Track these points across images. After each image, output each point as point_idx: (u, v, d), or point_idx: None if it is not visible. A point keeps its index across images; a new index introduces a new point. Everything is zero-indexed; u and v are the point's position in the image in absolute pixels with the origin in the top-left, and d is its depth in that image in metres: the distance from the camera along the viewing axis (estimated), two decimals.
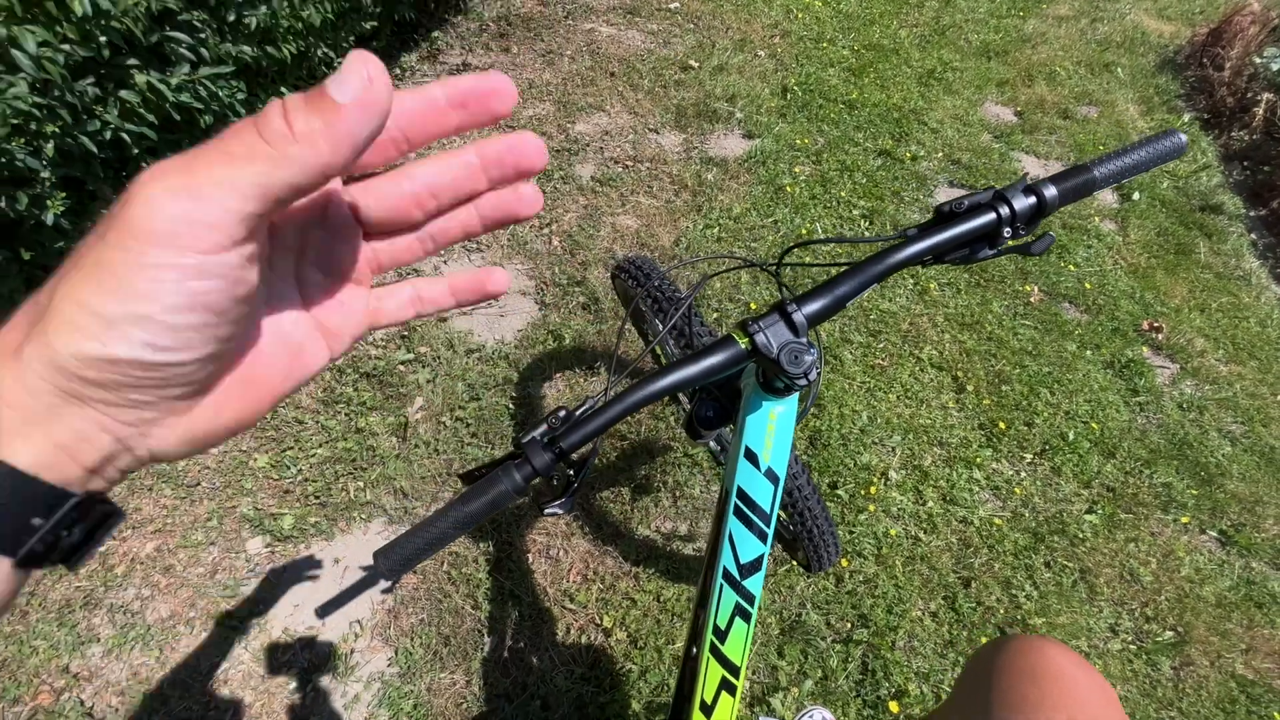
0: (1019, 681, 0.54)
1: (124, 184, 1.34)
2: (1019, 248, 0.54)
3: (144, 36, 1.31)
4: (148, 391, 0.22)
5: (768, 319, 0.50)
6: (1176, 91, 3.28)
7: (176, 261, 0.19)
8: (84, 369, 0.20)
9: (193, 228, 0.19)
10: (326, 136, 0.20)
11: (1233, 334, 2.20)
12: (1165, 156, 0.57)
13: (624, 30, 2.92)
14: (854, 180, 2.42)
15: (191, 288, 0.20)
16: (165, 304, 0.20)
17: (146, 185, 0.19)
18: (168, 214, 0.19)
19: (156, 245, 0.19)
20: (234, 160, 0.19)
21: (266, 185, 0.20)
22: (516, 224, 0.30)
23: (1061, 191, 0.54)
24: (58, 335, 0.20)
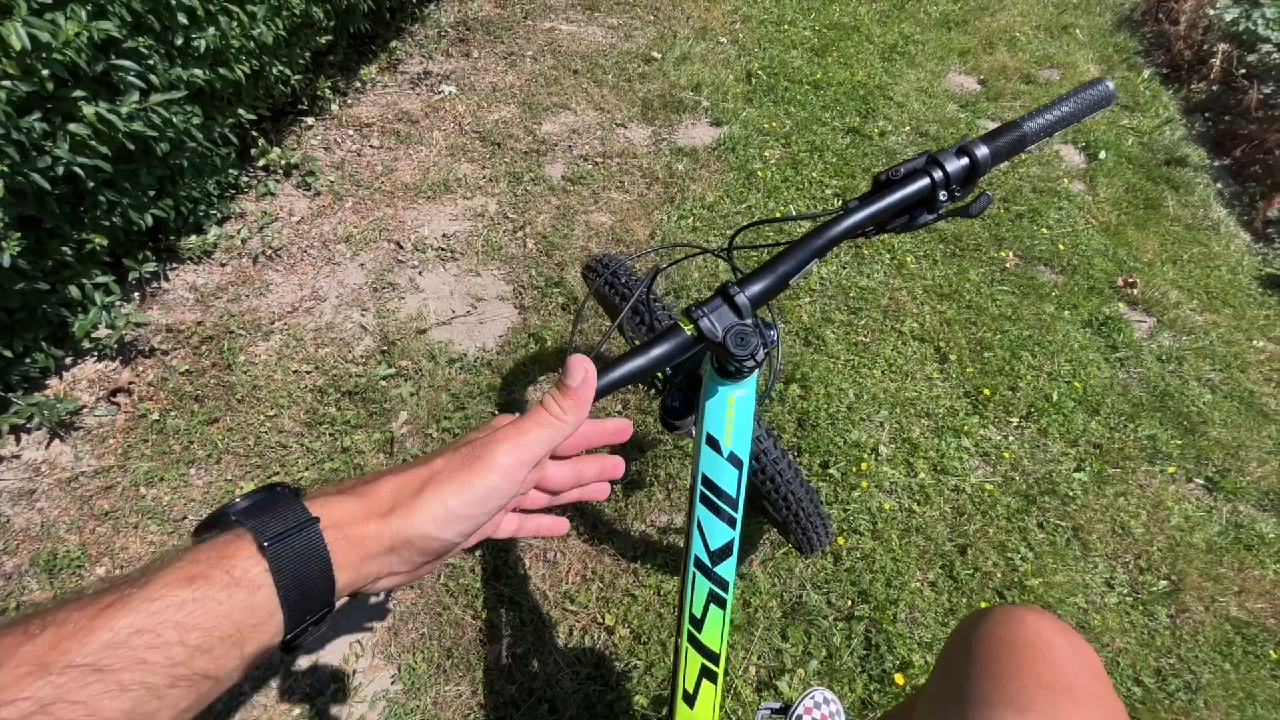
0: (998, 651, 0.54)
1: (81, 219, 1.31)
2: (958, 210, 0.54)
3: (89, 66, 1.28)
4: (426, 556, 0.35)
5: (712, 303, 0.50)
6: (1135, 48, 3.31)
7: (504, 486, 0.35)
8: (417, 539, 0.34)
9: (518, 466, 0.35)
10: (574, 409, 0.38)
11: (1205, 283, 2.24)
12: (1095, 105, 0.57)
13: (584, 27, 2.91)
14: (824, 160, 2.42)
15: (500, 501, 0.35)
16: (486, 509, 0.35)
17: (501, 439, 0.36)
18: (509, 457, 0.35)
19: (499, 473, 0.35)
20: (539, 426, 0.37)
21: (552, 440, 0.37)
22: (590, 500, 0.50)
23: (993, 150, 0.54)
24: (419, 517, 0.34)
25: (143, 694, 0.26)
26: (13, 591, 1.27)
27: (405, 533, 0.33)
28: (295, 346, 1.70)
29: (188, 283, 1.78)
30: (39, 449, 1.45)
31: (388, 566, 0.34)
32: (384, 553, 0.33)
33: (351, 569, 0.32)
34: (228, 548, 0.30)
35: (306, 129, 2.22)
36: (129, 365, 1.60)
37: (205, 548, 0.30)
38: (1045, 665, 0.51)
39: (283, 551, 0.30)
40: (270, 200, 2.01)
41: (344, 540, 0.32)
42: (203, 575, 0.28)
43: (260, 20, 1.74)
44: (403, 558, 0.34)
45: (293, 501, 0.32)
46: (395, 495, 0.34)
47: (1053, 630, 0.54)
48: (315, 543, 0.31)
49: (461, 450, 0.35)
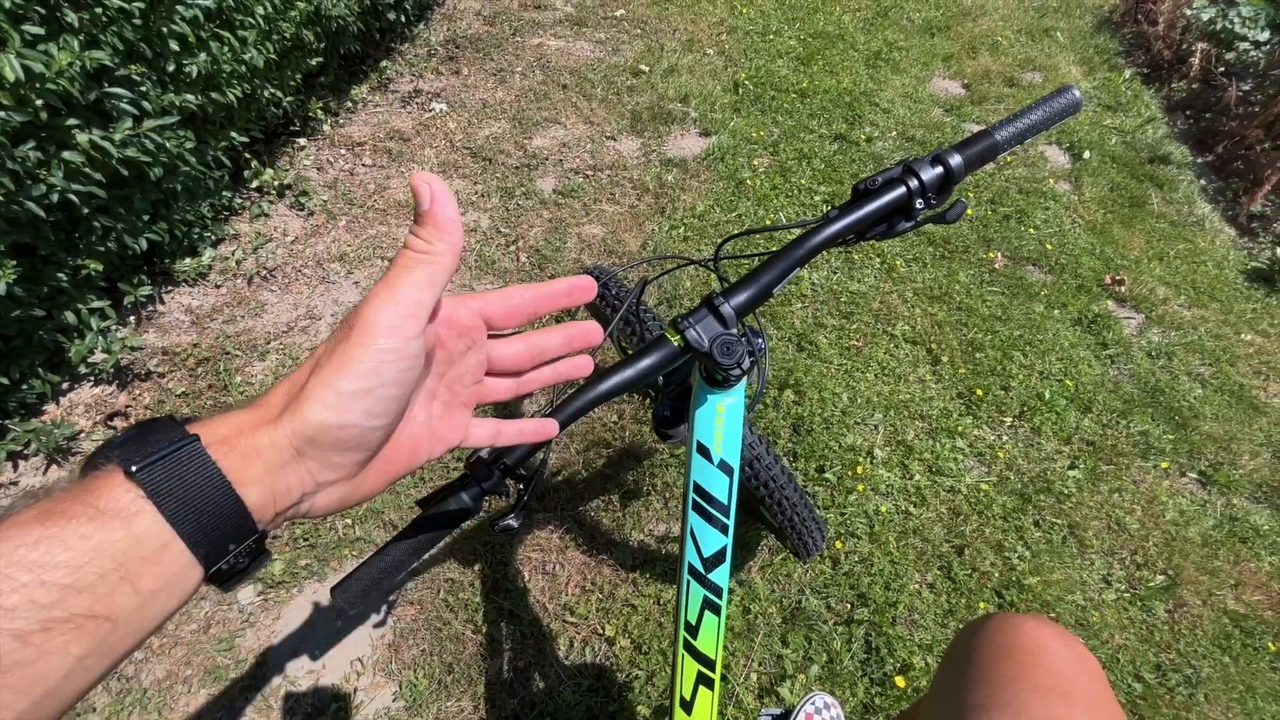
0: (995, 658, 0.54)
1: (76, 245, 1.32)
2: (934, 217, 0.55)
3: (82, 95, 1.30)
4: (345, 454, 0.31)
5: (697, 314, 0.51)
6: (1115, 49, 3.36)
7: (391, 345, 0.30)
8: (321, 433, 0.29)
9: (404, 320, 0.30)
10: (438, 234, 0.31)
11: (1192, 279, 2.26)
12: (1063, 113, 0.58)
13: (572, 42, 2.94)
14: (812, 167, 2.45)
15: (400, 366, 0.30)
16: (382, 379, 0.30)
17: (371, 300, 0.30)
18: (385, 314, 0.29)
19: (383, 335, 0.29)
20: (407, 270, 0.31)
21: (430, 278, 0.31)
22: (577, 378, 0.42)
23: (966, 158, 0.55)
24: (309, 408, 0.29)
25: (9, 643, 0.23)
26: None
27: (303, 429, 0.29)
28: (291, 366, 1.70)
29: (183, 305, 1.79)
30: (37, 475, 1.46)
31: (309, 476, 0.30)
32: (292, 459, 0.29)
33: (258, 484, 0.28)
34: (92, 483, 0.26)
35: (299, 150, 2.24)
36: (125, 389, 1.61)
37: (64, 489, 0.26)
38: (1042, 670, 0.51)
39: (156, 475, 0.26)
40: (264, 221, 2.02)
41: (235, 454, 0.28)
42: (58, 511, 0.25)
43: (251, 45, 1.76)
44: (320, 460, 0.30)
45: (169, 426, 0.28)
46: (284, 397, 0.30)
47: (1050, 636, 0.54)
48: (199, 460, 0.27)
49: (338, 332, 0.30)
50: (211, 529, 0.27)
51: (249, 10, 1.74)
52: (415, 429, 0.35)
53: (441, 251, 0.31)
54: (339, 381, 0.29)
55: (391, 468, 0.34)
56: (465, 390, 0.37)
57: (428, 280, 0.31)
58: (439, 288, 0.31)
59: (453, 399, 0.37)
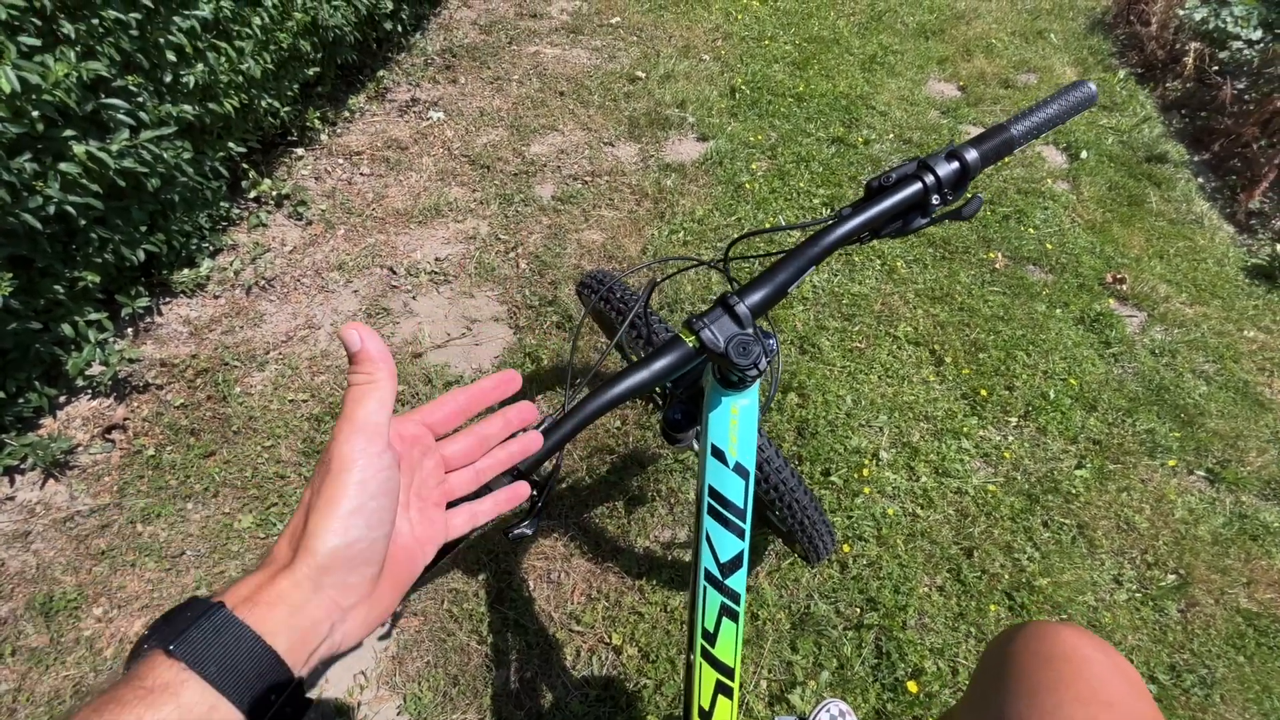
0: (1033, 666, 0.52)
1: (73, 256, 1.31)
2: (950, 213, 0.55)
3: (79, 106, 1.29)
4: (358, 571, 0.34)
5: (712, 314, 0.50)
6: (1109, 50, 3.38)
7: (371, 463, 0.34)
8: (333, 558, 0.33)
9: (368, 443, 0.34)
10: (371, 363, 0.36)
11: (1193, 276, 2.26)
12: (1078, 107, 0.58)
13: (568, 50, 2.95)
14: (810, 170, 2.45)
15: (380, 478, 0.34)
16: (367, 493, 0.34)
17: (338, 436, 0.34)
18: (355, 441, 0.34)
19: (359, 459, 0.34)
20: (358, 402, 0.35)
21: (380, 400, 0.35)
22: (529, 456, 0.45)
23: (982, 153, 0.55)
24: (318, 539, 0.33)
25: None
26: (8, 637, 1.24)
27: (315, 562, 0.32)
28: (291, 376, 1.69)
29: (181, 316, 1.78)
30: (34, 490, 1.44)
31: (332, 604, 0.33)
32: (312, 594, 0.32)
33: (286, 628, 0.31)
34: (139, 668, 0.29)
35: (297, 159, 2.24)
36: (123, 401, 1.59)
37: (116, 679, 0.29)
38: (1082, 681, 0.50)
39: (193, 646, 0.29)
40: (262, 231, 2.01)
41: (259, 608, 0.31)
42: (114, 700, 0.27)
43: (248, 55, 1.76)
44: (338, 585, 0.33)
45: (196, 603, 0.31)
46: (290, 543, 0.33)
47: (1089, 645, 0.53)
48: (227, 623, 0.30)
49: (317, 473, 0.35)
50: (253, 682, 0.30)
51: (246, 21, 1.74)
52: (404, 540, 0.38)
53: (382, 377, 0.36)
54: (336, 507, 0.33)
55: (399, 580, 0.37)
56: (433, 492, 0.40)
57: (378, 403, 0.35)
58: (389, 405, 0.36)
59: (425, 503, 0.40)
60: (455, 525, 0.41)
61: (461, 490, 0.42)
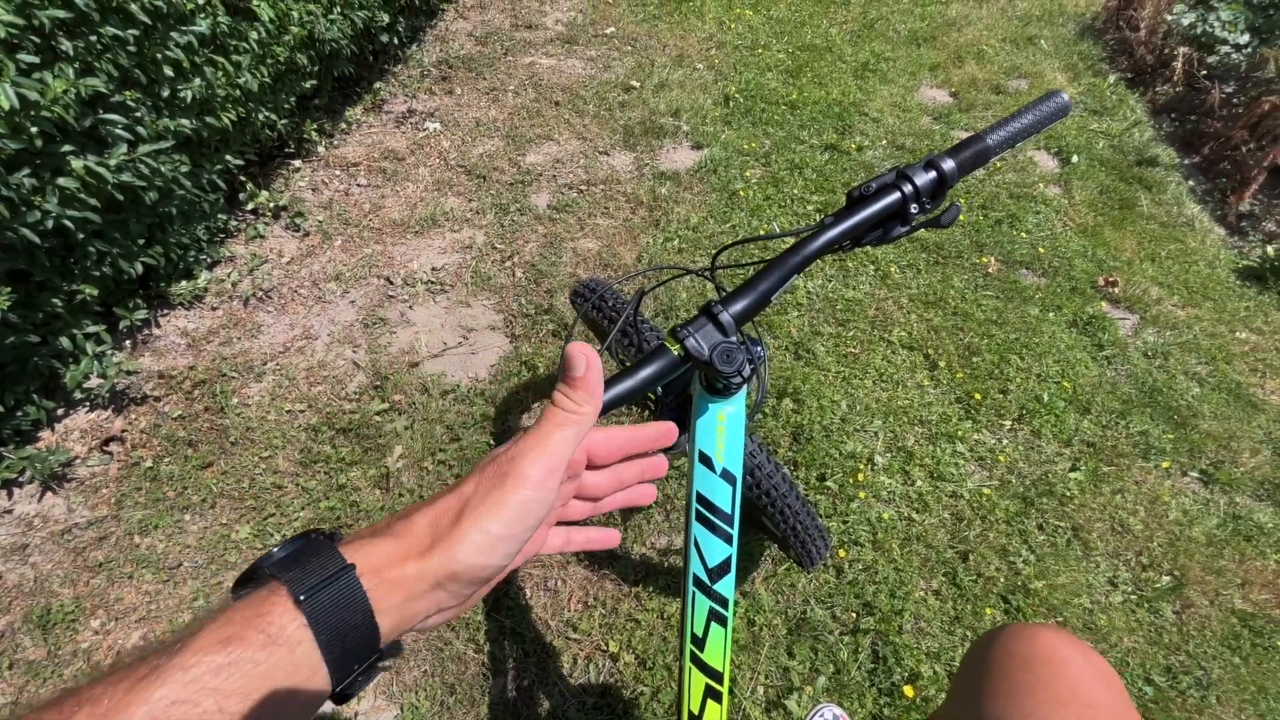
0: (1012, 668, 0.53)
1: (71, 270, 1.32)
2: (929, 221, 0.56)
3: (77, 122, 1.30)
4: (475, 586, 0.34)
5: (697, 323, 0.51)
6: (1099, 55, 3.41)
7: (541, 497, 0.34)
8: (463, 570, 0.32)
9: (548, 474, 0.34)
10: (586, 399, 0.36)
11: (1185, 278, 2.27)
12: (1052, 117, 0.59)
13: (564, 60, 2.98)
14: (804, 177, 2.47)
15: (541, 514, 0.34)
16: (527, 525, 0.34)
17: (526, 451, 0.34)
18: (538, 466, 0.33)
19: (532, 487, 0.33)
20: (558, 428, 0.35)
21: (576, 436, 0.35)
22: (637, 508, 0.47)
23: (959, 163, 0.56)
24: (461, 549, 0.32)
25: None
26: (5, 650, 1.25)
27: (450, 567, 0.32)
28: (288, 386, 1.70)
29: (179, 328, 1.79)
30: (31, 502, 1.44)
31: (435, 604, 0.33)
32: (429, 590, 0.32)
33: (394, 612, 0.31)
34: (263, 605, 0.29)
35: (294, 171, 2.26)
36: (121, 413, 1.60)
37: (240, 606, 0.29)
38: (1060, 681, 0.50)
39: (320, 603, 0.29)
40: (260, 243, 2.03)
41: (384, 584, 0.31)
42: (237, 637, 0.28)
43: (245, 69, 1.78)
44: (450, 592, 0.33)
45: (328, 549, 0.31)
46: (433, 530, 0.33)
47: (1068, 646, 0.53)
48: (354, 591, 0.30)
49: (488, 470, 0.34)
50: (350, 654, 0.30)
51: (243, 35, 1.76)
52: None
53: (588, 413, 0.35)
54: (491, 525, 0.32)
55: (491, 585, 0.37)
56: (555, 513, 0.41)
57: (573, 437, 0.35)
58: (580, 442, 0.35)
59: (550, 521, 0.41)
60: (550, 544, 0.41)
61: (574, 516, 0.42)
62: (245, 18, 1.78)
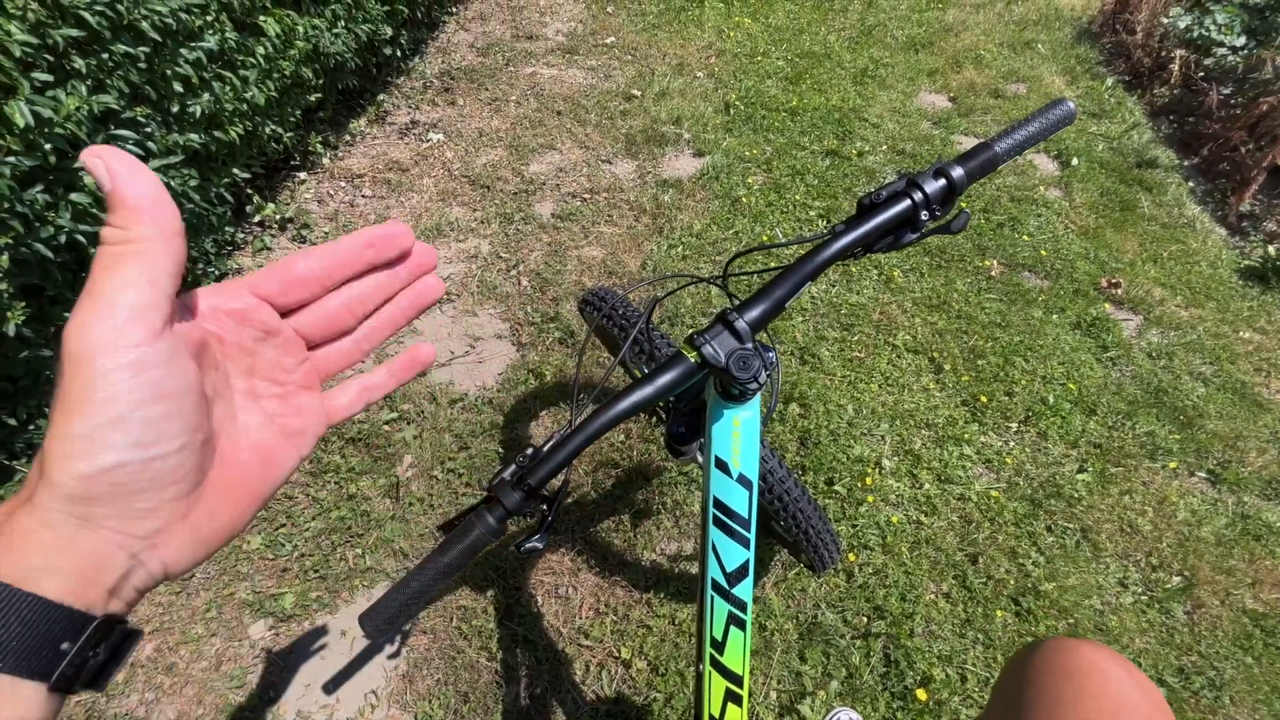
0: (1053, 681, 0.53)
1: (83, 284, 1.35)
2: (939, 228, 0.57)
3: (89, 138, 1.32)
4: (147, 496, 0.25)
5: (713, 330, 0.52)
6: (1096, 59, 3.43)
7: (119, 361, 0.23)
8: (86, 488, 0.24)
9: (118, 332, 0.23)
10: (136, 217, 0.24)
11: (1187, 279, 2.28)
12: (1059, 124, 0.60)
13: (565, 70, 3.00)
14: (806, 183, 2.49)
15: (144, 379, 0.24)
16: (130, 401, 0.24)
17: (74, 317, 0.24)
18: (94, 331, 0.23)
19: (98, 357, 0.23)
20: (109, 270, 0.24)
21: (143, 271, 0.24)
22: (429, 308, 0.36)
23: (968, 170, 0.57)
24: (53, 468, 0.23)
25: None
26: None
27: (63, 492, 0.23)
28: None
29: None
30: None
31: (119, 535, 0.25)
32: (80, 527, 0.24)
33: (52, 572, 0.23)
34: None
35: (300, 183, 2.27)
36: None
37: None
38: (1105, 696, 0.50)
39: None
40: (266, 254, 2.04)
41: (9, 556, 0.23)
42: None
43: (252, 83, 1.80)
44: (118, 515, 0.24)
45: None
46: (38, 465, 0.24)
47: (1109, 661, 0.53)
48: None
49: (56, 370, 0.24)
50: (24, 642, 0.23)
51: (250, 51, 1.78)
52: (255, 438, 0.30)
53: (147, 237, 0.24)
54: (71, 425, 0.23)
55: (245, 490, 0.29)
56: (295, 375, 0.32)
57: (141, 273, 0.24)
58: (164, 279, 0.24)
59: (285, 390, 0.32)
60: (341, 405, 0.34)
61: (341, 363, 0.34)
62: (252, 33, 1.80)
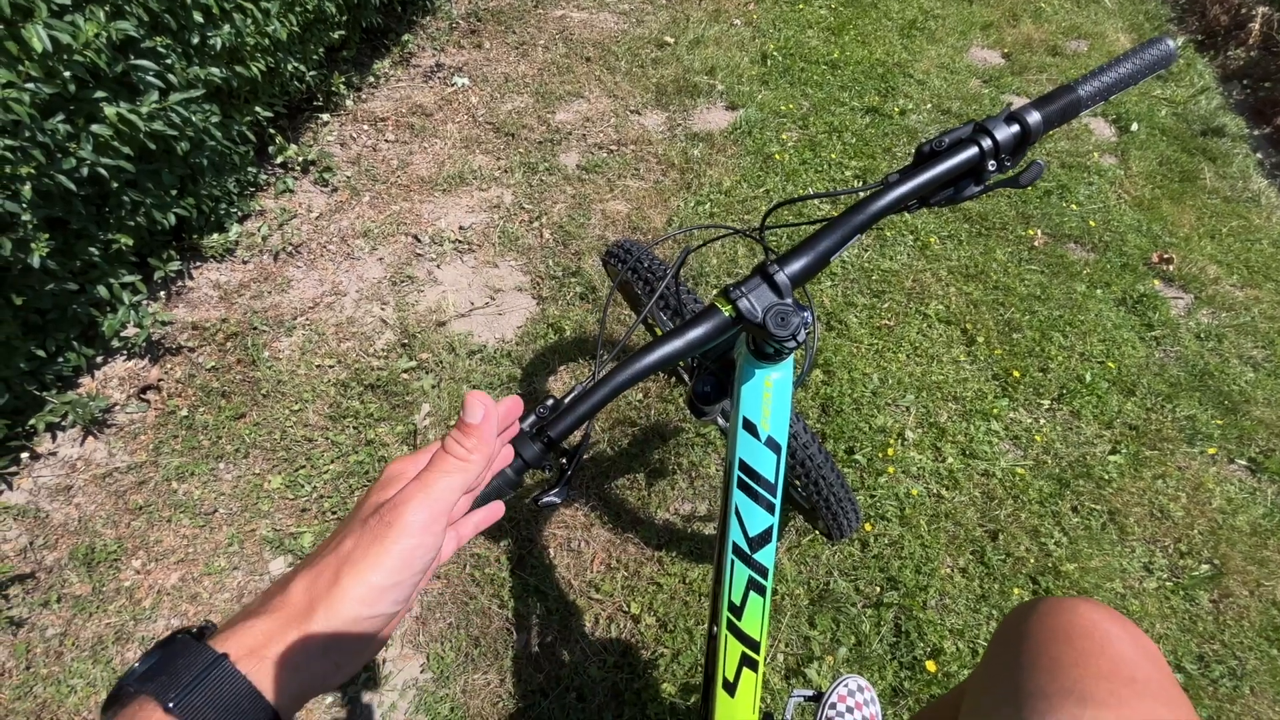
0: (1050, 642, 0.51)
1: (106, 219, 1.32)
2: (1007, 181, 0.51)
3: (109, 67, 1.29)
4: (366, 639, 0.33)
5: (750, 283, 0.48)
6: (1167, 15, 3.18)
7: (426, 542, 0.33)
8: (357, 625, 0.32)
9: (432, 521, 0.33)
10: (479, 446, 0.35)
11: (1246, 258, 2.15)
12: (1155, 66, 0.53)
13: (595, 14, 2.87)
14: (843, 141, 2.37)
15: (428, 559, 0.34)
16: (414, 571, 0.33)
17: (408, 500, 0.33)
18: (420, 514, 0.33)
19: (416, 534, 0.33)
20: (445, 475, 0.34)
21: (462, 484, 0.35)
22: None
23: (1046, 116, 0.51)
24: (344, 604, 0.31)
25: None
26: (54, 584, 1.30)
27: (333, 625, 0.31)
28: (317, 341, 1.71)
29: (211, 280, 1.80)
30: (74, 446, 1.49)
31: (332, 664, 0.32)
32: (319, 654, 0.31)
33: (286, 687, 0.30)
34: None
35: (322, 125, 2.23)
36: (157, 363, 1.63)
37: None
38: (1105, 657, 0.49)
39: (194, 703, 0.27)
40: (289, 197, 2.02)
41: (266, 663, 0.29)
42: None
43: (274, 17, 1.74)
44: (346, 651, 0.32)
45: (194, 647, 0.29)
46: (310, 593, 0.31)
47: (1109, 620, 0.52)
48: (233, 681, 0.28)
49: (370, 523, 0.33)
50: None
51: None
52: None
53: (476, 462, 0.35)
54: (373, 577, 0.31)
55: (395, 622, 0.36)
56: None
57: (460, 485, 0.34)
58: (467, 489, 0.35)
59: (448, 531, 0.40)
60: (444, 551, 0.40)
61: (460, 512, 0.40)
62: None
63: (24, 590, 1.29)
